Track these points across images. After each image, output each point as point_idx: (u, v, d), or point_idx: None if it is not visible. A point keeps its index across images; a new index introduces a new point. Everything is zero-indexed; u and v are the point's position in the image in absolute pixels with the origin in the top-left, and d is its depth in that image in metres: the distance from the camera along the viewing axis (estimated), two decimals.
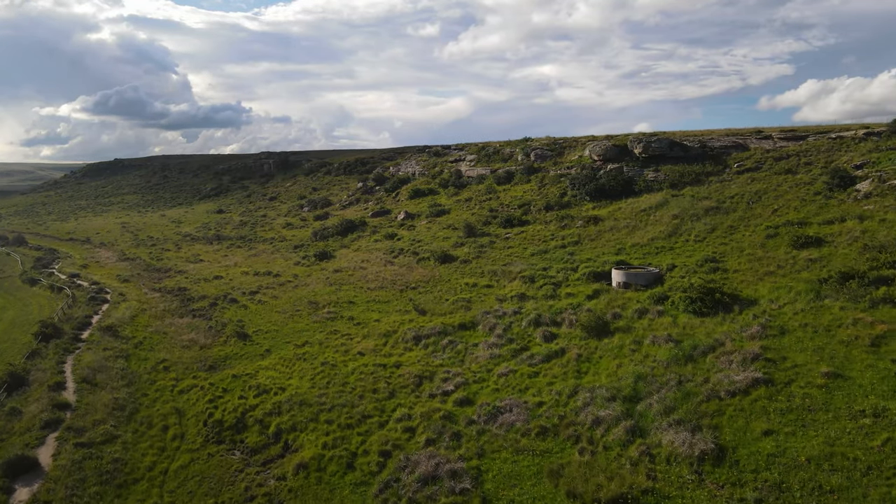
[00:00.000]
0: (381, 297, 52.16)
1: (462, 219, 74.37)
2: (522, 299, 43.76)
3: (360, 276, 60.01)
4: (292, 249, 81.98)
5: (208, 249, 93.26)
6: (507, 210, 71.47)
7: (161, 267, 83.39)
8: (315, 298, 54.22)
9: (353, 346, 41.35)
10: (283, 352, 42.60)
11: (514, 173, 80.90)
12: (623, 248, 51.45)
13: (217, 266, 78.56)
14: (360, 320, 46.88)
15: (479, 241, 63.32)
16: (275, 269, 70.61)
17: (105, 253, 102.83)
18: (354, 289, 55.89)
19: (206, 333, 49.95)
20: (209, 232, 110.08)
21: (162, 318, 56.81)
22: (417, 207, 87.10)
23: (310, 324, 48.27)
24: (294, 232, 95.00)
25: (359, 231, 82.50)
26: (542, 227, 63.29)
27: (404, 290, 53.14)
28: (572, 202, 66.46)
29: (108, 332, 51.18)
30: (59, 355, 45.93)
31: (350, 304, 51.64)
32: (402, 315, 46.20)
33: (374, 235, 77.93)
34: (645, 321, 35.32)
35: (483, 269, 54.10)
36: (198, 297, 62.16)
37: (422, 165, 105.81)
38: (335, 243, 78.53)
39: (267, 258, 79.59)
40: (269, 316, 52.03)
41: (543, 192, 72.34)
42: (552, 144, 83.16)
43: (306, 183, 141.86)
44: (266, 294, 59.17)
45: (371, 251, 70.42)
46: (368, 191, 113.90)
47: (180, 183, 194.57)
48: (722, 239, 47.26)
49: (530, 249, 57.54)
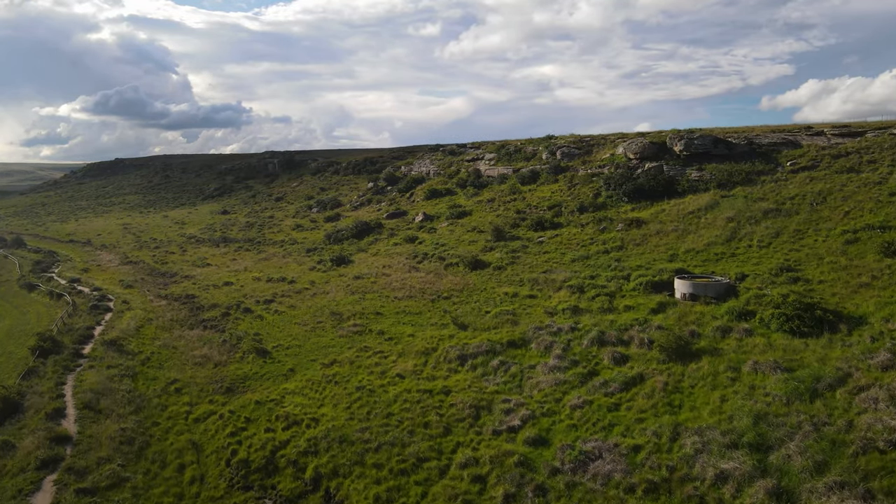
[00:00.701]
0: (411, 308, 47.25)
1: (486, 221, 69.53)
2: (576, 313, 38.87)
3: (384, 283, 55.10)
4: (305, 253, 77.08)
5: (215, 253, 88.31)
6: (535, 212, 66.63)
7: (166, 271, 78.44)
8: (338, 309, 49.31)
9: (389, 366, 36.47)
10: (309, 372, 37.69)
11: (539, 173, 76.03)
12: (676, 255, 46.63)
13: (226, 271, 73.64)
14: (392, 335, 41.98)
15: (509, 245, 58.47)
16: (289, 274, 65.69)
17: (107, 256, 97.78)
18: (380, 298, 50.97)
19: (220, 348, 45.05)
20: (215, 234, 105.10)
21: (170, 329, 51.90)
22: (435, 209, 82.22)
23: (335, 338, 43.38)
24: (305, 234, 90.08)
25: (375, 234, 77.61)
26: (577, 230, 58.44)
27: (436, 299, 48.25)
28: (608, 203, 61.62)
29: (113, 347, 46.25)
30: (58, 374, 40.99)
31: (377, 315, 46.74)
32: (438, 329, 41.32)
33: (393, 238, 73.02)
34: (731, 341, 30.49)
35: (521, 277, 49.23)
36: (208, 305, 57.25)
37: (436, 165, 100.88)
38: (351, 247, 73.63)
39: (278, 262, 74.69)
40: (288, 328, 47.13)
41: (574, 192, 67.50)
42: (578, 142, 78.24)
43: (313, 183, 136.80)
44: (282, 303, 54.26)
45: (392, 255, 65.51)
46: (380, 191, 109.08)
47: (182, 183, 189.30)
48: (791, 245, 42.44)
49: (569, 255, 52.67)
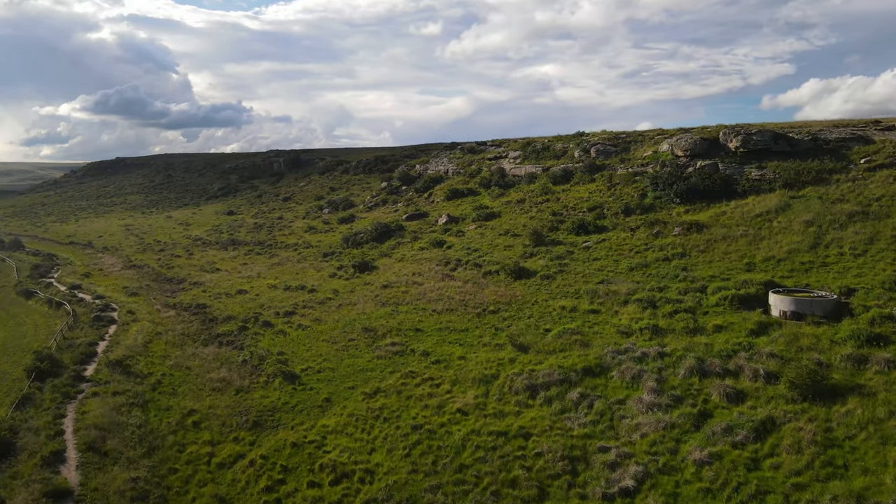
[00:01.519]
0: (454, 324, 41.63)
1: (519, 223, 63.95)
2: (657, 333, 33.31)
3: (418, 293, 49.48)
4: (322, 258, 71.39)
5: (224, 256, 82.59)
6: (574, 214, 61.04)
7: (173, 277, 72.74)
8: (370, 324, 43.66)
9: (444, 397, 30.90)
10: (349, 404, 32.08)
11: (572, 171, 70.46)
12: (753, 263, 41.08)
13: (237, 277, 67.97)
14: (439, 357, 36.37)
15: (552, 251, 52.88)
16: (308, 282, 60.01)
17: (109, 259, 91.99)
18: (416, 311, 45.35)
19: (240, 370, 39.42)
20: (222, 236, 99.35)
21: (182, 345, 46.27)
22: (459, 210, 76.61)
23: (372, 360, 37.76)
24: (319, 237, 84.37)
25: (396, 237, 71.95)
26: (626, 234, 52.88)
27: (481, 313, 42.64)
28: (657, 205, 56.06)
29: (119, 368, 40.57)
30: (57, 403, 35.31)
31: (417, 332, 41.11)
32: (493, 351, 35.73)
33: (417, 242, 67.36)
34: (872, 375, 24.94)
35: (575, 288, 43.64)
36: (222, 317, 51.60)
37: (455, 163, 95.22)
38: (373, 251, 67.96)
39: (294, 268, 69.02)
40: (315, 346, 41.51)
41: (616, 192, 61.92)
42: (614, 139, 72.68)
43: (322, 182, 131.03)
44: (305, 316, 48.62)
45: (419, 261, 59.86)
46: (394, 191, 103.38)
47: (185, 182, 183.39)
48: (894, 254, 36.96)
49: (624, 262, 47.11)
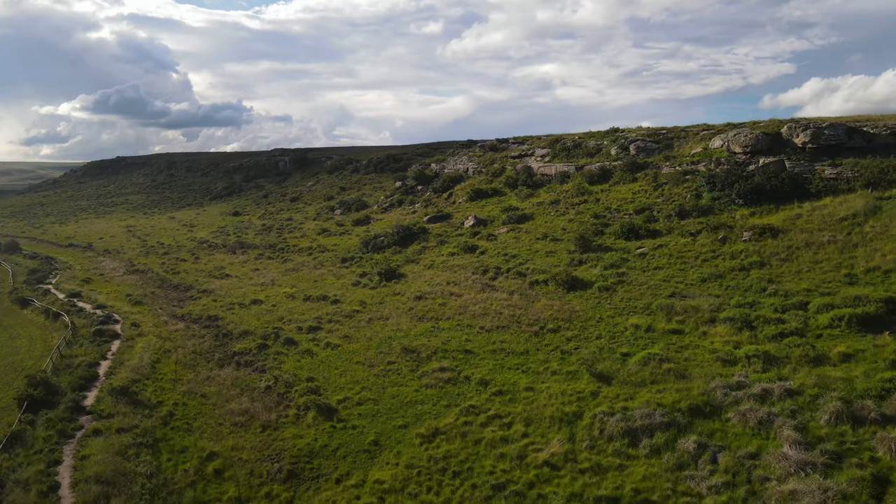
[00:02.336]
0: (509, 345, 35.92)
1: (557, 227, 58.29)
2: (769, 362, 27.67)
3: (458, 307, 43.77)
4: (340, 263, 65.66)
5: (233, 261, 76.80)
6: (619, 216, 55.37)
7: (179, 283, 66.96)
8: (410, 343, 37.93)
9: (521, 442, 25.22)
10: (404, 449, 26.39)
11: (610, 170, 64.80)
12: (854, 275, 35.45)
13: (250, 284, 62.21)
14: (500, 386, 30.70)
15: (603, 258, 47.24)
16: (329, 291, 54.26)
17: (110, 263, 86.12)
18: (460, 328, 39.65)
19: (264, 400, 33.73)
20: (229, 238, 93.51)
21: (194, 366, 40.56)
22: (485, 211, 70.93)
23: (420, 389, 32.08)
24: (334, 240, 78.59)
25: (420, 240, 66.23)
26: (685, 239, 47.23)
27: (539, 332, 36.94)
28: (716, 206, 50.43)
29: (123, 397, 34.80)
30: (51, 444, 29.64)
31: (467, 354, 35.42)
32: (566, 381, 30.06)
33: (445, 247, 61.66)
34: None
35: (645, 303, 37.97)
36: (237, 332, 45.91)
37: (475, 162, 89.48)
38: (397, 257, 62.22)
39: (311, 274, 63.28)
40: (350, 370, 35.79)
41: (664, 193, 56.26)
42: (654, 135, 67.03)
43: (331, 182, 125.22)
44: (333, 332, 42.89)
45: (452, 269, 54.16)
46: (410, 191, 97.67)
47: (188, 182, 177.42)
48: None
49: (693, 273, 41.46)
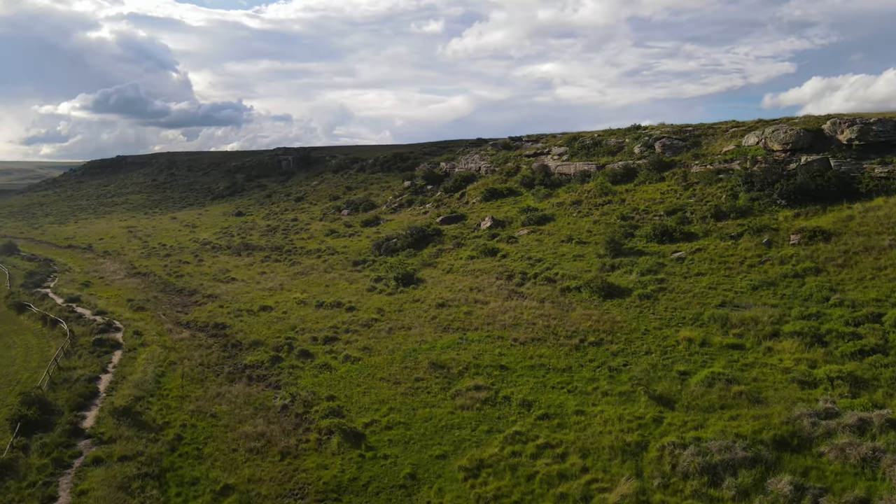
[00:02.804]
0: (549, 360, 32.66)
1: (581, 228, 55.07)
2: (858, 385, 24.45)
3: (485, 315, 40.50)
4: (352, 266, 62.38)
5: (238, 264, 73.50)
6: (649, 218, 52.17)
7: (183, 287, 63.68)
8: (437, 357, 34.66)
9: (581, 479, 21.97)
10: (446, 485, 23.13)
11: (634, 169, 61.60)
12: None
13: (257, 289, 58.93)
14: (546, 409, 27.45)
15: (638, 262, 44.02)
16: (343, 297, 50.99)
17: (110, 265, 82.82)
18: (490, 340, 36.40)
19: (281, 421, 30.49)
20: (233, 239, 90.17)
21: (202, 380, 37.30)
22: (502, 212, 67.72)
23: (455, 410, 28.83)
24: (343, 241, 75.30)
25: (435, 243, 62.97)
26: (726, 243, 44.01)
27: (580, 345, 33.70)
28: (755, 208, 47.23)
29: (126, 418, 31.52)
30: (46, 475, 26.34)
31: (502, 370, 32.18)
32: (621, 403, 26.82)
33: (462, 249, 58.39)
34: None
35: (694, 313, 34.74)
36: (247, 342, 42.67)
37: (488, 161, 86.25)
38: (412, 260, 58.94)
39: (321, 278, 60.00)
40: (374, 388, 32.53)
41: (696, 193, 53.05)
42: (681, 132, 63.78)
43: (336, 182, 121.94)
44: (351, 343, 39.62)
45: (474, 273, 50.90)
46: (419, 191, 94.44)
47: (189, 181, 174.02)
48: None
49: (742, 280, 38.23)
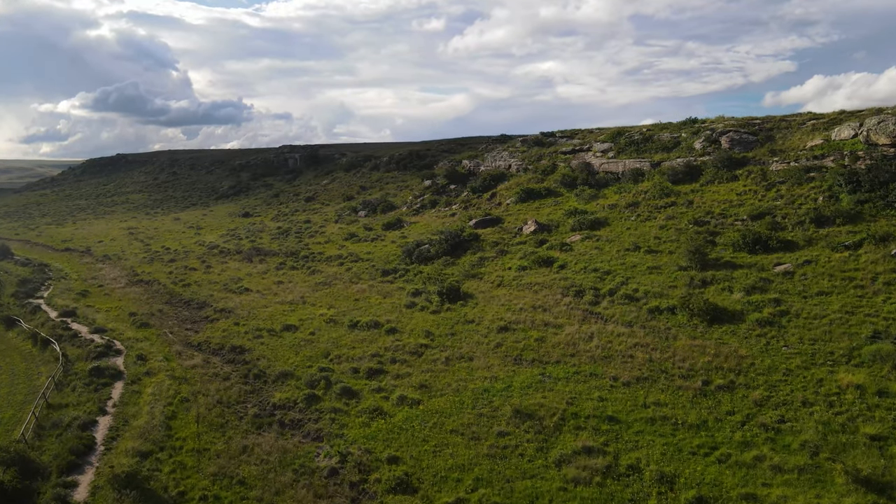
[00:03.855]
0: (671, 410, 25.34)
1: (646, 235, 47.78)
2: None
3: (562, 343, 33.14)
4: (381, 276, 54.98)
5: (251, 271, 66.07)
6: (727, 223, 44.90)
7: (191, 299, 56.28)
8: (521, 403, 27.29)
9: None
10: None
11: (698, 167, 54.31)
12: None
13: (276, 302, 51.56)
14: (698, 489, 20.15)
15: (733, 277, 36.72)
16: (380, 314, 43.63)
17: (110, 271, 75.36)
18: (581, 377, 29.03)
19: (332, 493, 23.18)
20: (242, 243, 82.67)
21: (222, 426, 29.99)
22: (543, 215, 60.36)
23: (565, 485, 21.52)
24: (366, 247, 67.86)
25: (474, 249, 55.59)
26: (841, 254, 36.69)
27: (704, 388, 26.36)
28: (865, 212, 39.99)
29: (130, 490, 24.16)
30: None
31: (612, 424, 24.87)
32: (809, 486, 19.56)
33: (509, 258, 51.03)
34: None
35: (846, 348, 27.45)
36: (273, 373, 35.36)
37: (518, 158, 78.88)
38: (452, 270, 51.57)
39: (347, 290, 52.62)
40: (447, 445, 25.18)
41: (783, 195, 45.75)
42: (748, 125, 56.48)
43: (349, 181, 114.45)
44: (402, 378, 32.28)
45: (531, 288, 43.56)
46: (441, 190, 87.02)
47: (192, 180, 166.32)
48: None
49: (885, 303, 30.94)
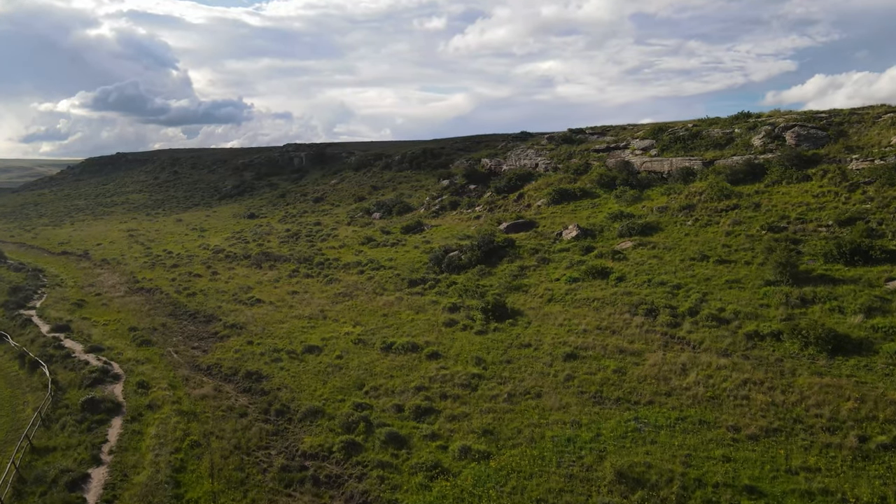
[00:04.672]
0: (830, 481, 19.59)
1: (712, 242, 42.05)
2: None
3: (650, 377, 27.38)
4: (408, 286, 49.19)
5: (261, 278, 60.29)
6: (809, 229, 39.23)
7: (197, 311, 50.57)
8: (620, 461, 21.55)
9: None
10: None
11: (761, 165, 48.60)
12: None
13: (293, 316, 45.81)
14: None
15: (835, 293, 31.04)
16: (415, 333, 37.87)
17: (109, 277, 69.56)
18: (690, 428, 23.31)
19: None
20: (249, 246, 76.90)
21: (242, 482, 24.25)
22: (582, 218, 54.63)
23: None
24: (386, 252, 62.05)
25: (510, 257, 49.82)
26: None
27: (863, 448, 20.51)
28: None
29: None
30: None
31: (754, 498, 19.15)
32: None
33: (551, 268, 45.25)
34: None
35: None
36: (299, 409, 29.69)
37: (546, 156, 73.12)
38: (489, 281, 45.79)
39: (372, 303, 46.86)
40: None
41: (872, 196, 39.95)
42: (815, 119, 50.76)
43: (359, 180, 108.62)
44: (459, 420, 26.52)
45: (590, 304, 37.76)
46: (460, 191, 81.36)
47: (193, 180, 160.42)
48: None
49: None
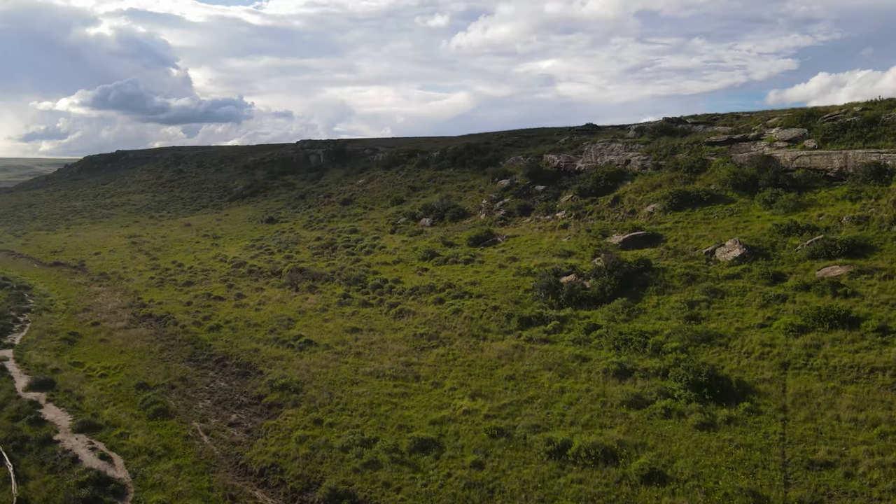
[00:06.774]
0: None
1: None
2: None
3: None
4: (519, 326, 35.15)
5: (302, 306, 46.25)
6: None
7: (226, 354, 36.51)
8: None
9: None
10: None
11: None
12: None
13: (368, 372, 31.86)
14: None
15: None
16: (580, 418, 23.95)
17: (109, 298, 55.21)
18: None
19: None
20: (276, 259, 62.74)
21: None
22: (724, 229, 40.80)
23: None
24: (461, 273, 47.90)
25: (661, 286, 35.90)
26: None
27: None
28: None
29: None
30: None
31: None
32: None
33: (737, 304, 31.34)
34: None
35: None
36: None
37: (640, 151, 59.20)
38: (649, 324, 31.91)
39: (473, 350, 32.91)
40: None
41: None
42: None
43: (392, 180, 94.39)
44: None
45: (854, 376, 24.04)
46: (523, 192, 67.65)
47: (200, 179, 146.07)
48: None
49: None
